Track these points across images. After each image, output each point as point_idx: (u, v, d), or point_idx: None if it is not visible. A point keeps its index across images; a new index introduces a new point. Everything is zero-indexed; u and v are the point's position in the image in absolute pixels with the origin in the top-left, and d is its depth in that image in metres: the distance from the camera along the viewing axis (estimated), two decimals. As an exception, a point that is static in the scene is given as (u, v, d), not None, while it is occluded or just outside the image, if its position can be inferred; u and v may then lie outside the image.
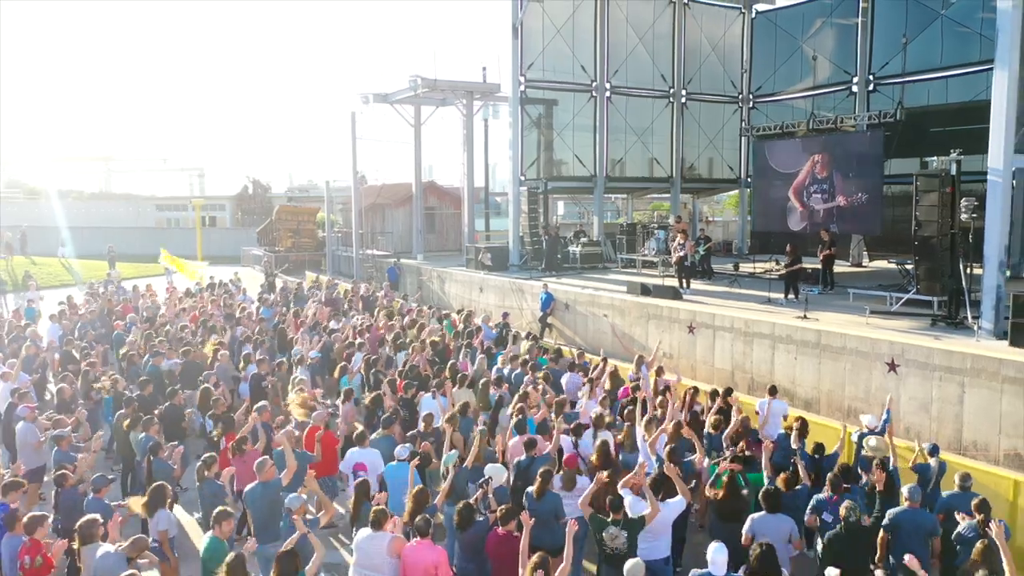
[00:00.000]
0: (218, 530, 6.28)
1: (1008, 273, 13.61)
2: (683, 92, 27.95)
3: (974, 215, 12.78)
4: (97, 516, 6.53)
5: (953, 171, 13.10)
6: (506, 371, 12.10)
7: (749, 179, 27.14)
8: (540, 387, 10.42)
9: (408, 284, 27.11)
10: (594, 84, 26.03)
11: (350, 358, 13.03)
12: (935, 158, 13.74)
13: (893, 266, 20.27)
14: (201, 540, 6.89)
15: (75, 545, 6.44)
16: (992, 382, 11.10)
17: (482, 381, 11.41)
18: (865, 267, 23.96)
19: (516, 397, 9.97)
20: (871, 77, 24.06)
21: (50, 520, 6.63)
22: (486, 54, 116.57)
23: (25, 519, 6.42)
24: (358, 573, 6.50)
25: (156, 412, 9.91)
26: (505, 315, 18.07)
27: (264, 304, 20.28)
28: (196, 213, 31.90)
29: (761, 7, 28.36)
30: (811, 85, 26.29)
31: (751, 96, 28.56)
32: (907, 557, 5.63)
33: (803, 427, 8.90)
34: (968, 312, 12.83)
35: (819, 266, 18.71)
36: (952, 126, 20.64)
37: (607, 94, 26.28)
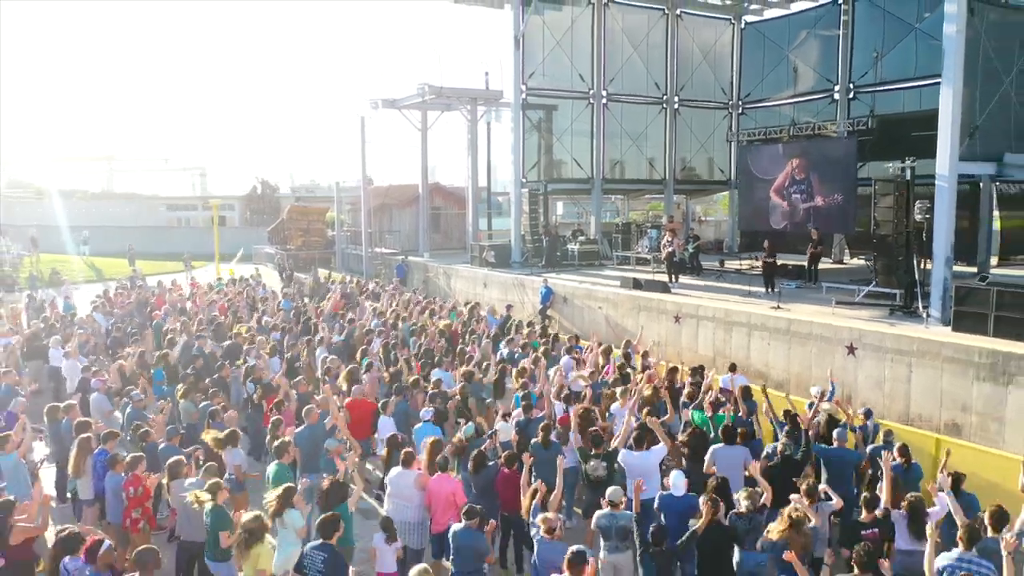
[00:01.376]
0: (286, 457, 7.94)
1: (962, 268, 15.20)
2: (676, 99, 29.53)
3: (927, 216, 14.37)
4: (182, 457, 8.14)
5: (907, 176, 14.67)
6: (505, 352, 13.74)
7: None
8: (541, 363, 12.02)
9: (415, 280, 28.70)
10: (591, 91, 27.63)
11: (370, 343, 14.66)
12: (890, 164, 15.31)
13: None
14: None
15: (164, 480, 8.04)
16: (934, 362, 12.69)
17: (485, 364, 13.01)
18: (846, 264, 25.54)
19: (515, 372, 11.62)
20: (851, 86, 25.61)
21: (144, 462, 8.22)
22: (489, 59, 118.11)
23: (128, 459, 8.04)
24: (392, 503, 8.09)
25: (207, 382, 11.54)
26: (509, 307, 19.69)
27: (285, 297, 21.89)
28: (214, 213, 33.32)
29: (750, 18, 29.94)
30: (796, 92, 27.84)
31: (740, 102, 30.13)
32: (821, 486, 7.23)
33: (746, 392, 10.50)
34: (920, 302, 14.40)
35: (805, 262, 20.36)
36: (924, 131, 22.17)
37: (604, 101, 27.87)
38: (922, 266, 14.67)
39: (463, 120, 30.31)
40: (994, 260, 21.91)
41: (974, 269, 20.05)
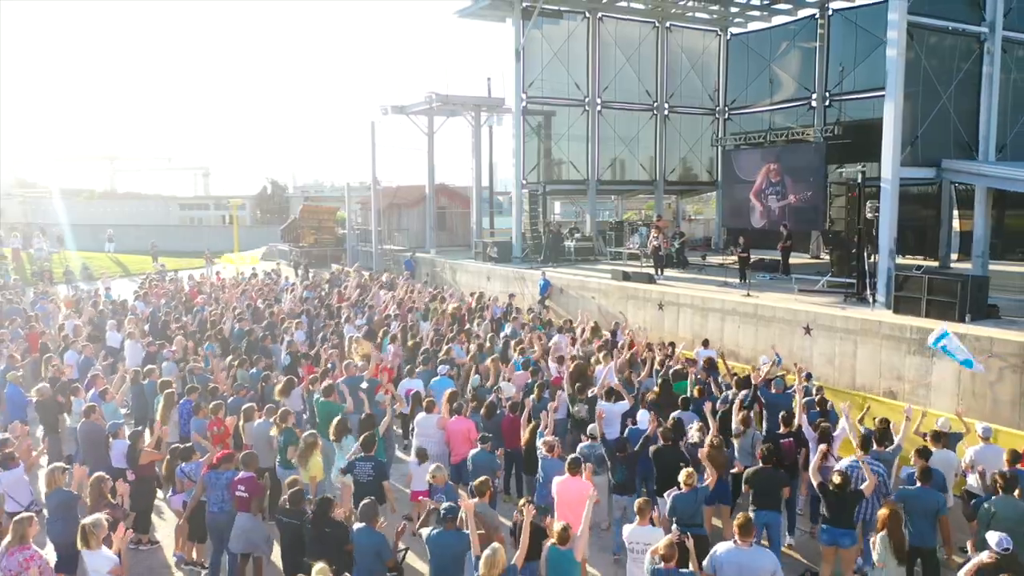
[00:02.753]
0: (334, 397, 10.13)
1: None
2: (666, 105, 31.67)
3: (876, 214, 16.49)
4: (253, 404, 10.30)
5: (859, 180, 16.81)
6: (508, 331, 15.93)
7: (724, 182, 30.86)
8: (539, 336, 14.20)
9: (423, 275, 30.84)
10: (587, 99, 29.79)
11: (389, 325, 16.83)
12: (842, 168, 17.44)
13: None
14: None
15: (240, 422, 10.19)
16: (875, 339, 14.83)
17: (490, 336, 15.17)
18: (821, 259, 27.64)
19: (515, 342, 13.80)
20: (827, 94, 27.76)
21: (224, 408, 10.36)
22: (491, 66, 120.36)
23: (211, 405, 10.19)
24: (418, 441, 10.22)
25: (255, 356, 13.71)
26: (511, 296, 21.83)
27: (306, 288, 24.05)
28: (234, 212, 35.57)
29: (735, 30, 32.06)
30: (777, 99, 29.99)
31: (726, 108, 32.27)
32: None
33: (711, 363, 12.67)
34: (869, 289, 16.53)
35: (779, 257, 22.51)
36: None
37: (598, 108, 30.03)
38: (871, 258, 16.78)
39: (467, 125, 32.43)
40: (955, 256, 24.06)
41: (936, 263, 22.23)
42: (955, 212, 24.43)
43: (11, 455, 8.58)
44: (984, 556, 6.09)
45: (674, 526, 7.34)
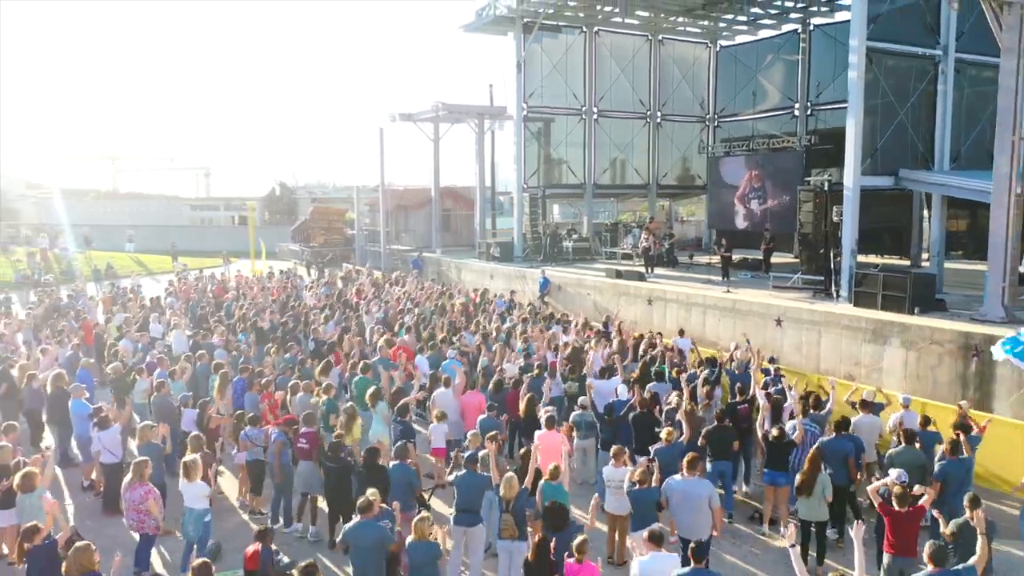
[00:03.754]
0: (369, 373, 12.10)
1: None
2: (658, 114, 33.59)
3: (841, 217, 18.39)
4: (298, 381, 12.23)
5: (825, 187, 18.72)
6: (510, 323, 17.88)
7: (713, 186, 32.78)
8: (540, 328, 16.15)
9: (430, 273, 32.75)
10: (584, 108, 31.72)
11: (403, 318, 18.76)
12: (811, 176, 19.35)
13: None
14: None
15: (287, 396, 12.11)
16: (836, 329, 16.75)
17: (495, 326, 17.13)
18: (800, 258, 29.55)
19: (519, 332, 15.75)
20: (808, 104, 29.67)
21: (273, 384, 12.30)
22: (494, 72, 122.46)
23: (263, 381, 12.13)
24: (437, 410, 12.14)
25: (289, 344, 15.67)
26: (513, 292, 23.76)
27: (323, 286, 26.01)
28: (251, 215, 37.33)
29: (724, 42, 33.98)
30: (763, 108, 31.91)
31: (716, 116, 34.19)
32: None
33: (681, 354, 14.64)
34: (834, 285, 18.44)
35: (761, 257, 24.45)
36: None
37: (595, 116, 31.96)
38: (836, 258, 18.69)
39: (470, 131, 34.32)
40: (925, 255, 25.94)
41: (908, 262, 24.07)
42: (925, 213, 26.32)
43: (106, 418, 10.52)
44: (887, 481, 8.01)
45: (643, 458, 9.28)
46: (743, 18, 31.10)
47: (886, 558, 7.55)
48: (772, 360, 14.49)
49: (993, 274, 15.29)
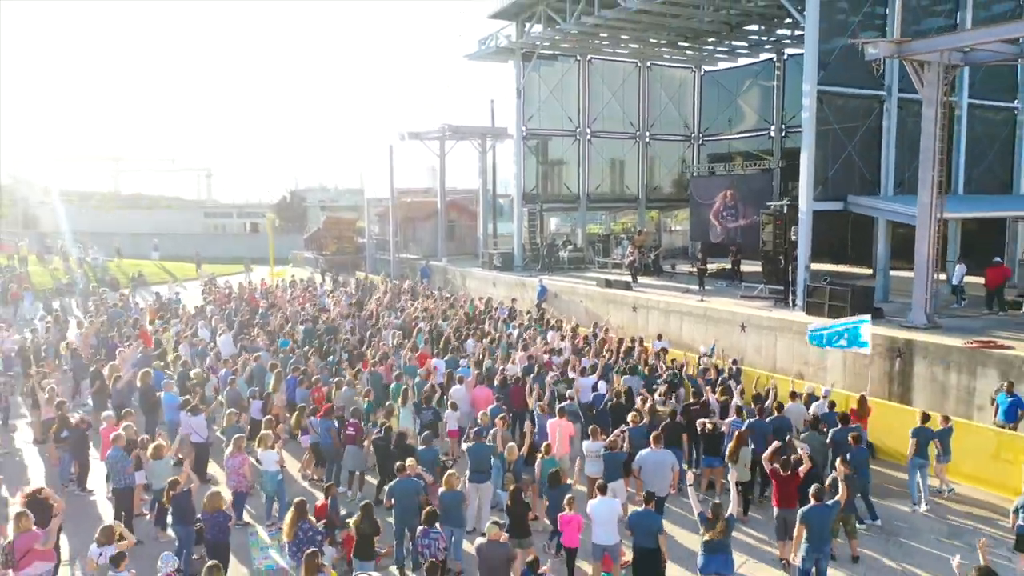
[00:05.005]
0: (400, 380, 14.99)
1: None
2: (647, 134, 36.49)
3: (796, 237, 21.24)
4: (341, 377, 15.12)
5: (784, 210, 21.59)
6: (512, 328, 20.78)
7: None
8: (535, 332, 19.03)
9: (438, 281, 35.63)
10: (578, 130, 34.62)
11: (417, 326, 21.63)
12: (771, 202, 22.22)
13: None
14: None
15: (332, 391, 14.97)
16: (789, 334, 19.61)
17: (498, 336, 20.01)
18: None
19: (518, 337, 18.66)
20: (783, 126, 32.55)
21: (321, 381, 15.16)
22: (494, 88, 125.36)
23: (313, 379, 15.01)
24: (453, 404, 15.01)
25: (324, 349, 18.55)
26: (514, 300, 26.64)
27: (343, 295, 28.87)
28: (268, 225, 40.15)
29: (708, 67, 36.87)
30: (742, 129, 34.84)
31: (700, 135, 37.09)
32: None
33: (663, 351, 17.51)
34: (791, 296, 21.31)
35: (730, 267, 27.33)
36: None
37: (588, 137, 34.85)
38: (793, 272, 21.55)
39: (473, 147, 37.16)
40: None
41: (870, 271, 26.84)
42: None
43: (197, 406, 13.39)
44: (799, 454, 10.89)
45: (617, 430, 12.14)
46: (723, 48, 33.95)
47: (774, 510, 10.41)
48: (735, 362, 17.33)
49: (918, 288, 18.17)
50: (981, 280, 20.98)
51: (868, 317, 15.95)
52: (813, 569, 8.97)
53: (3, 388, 16.49)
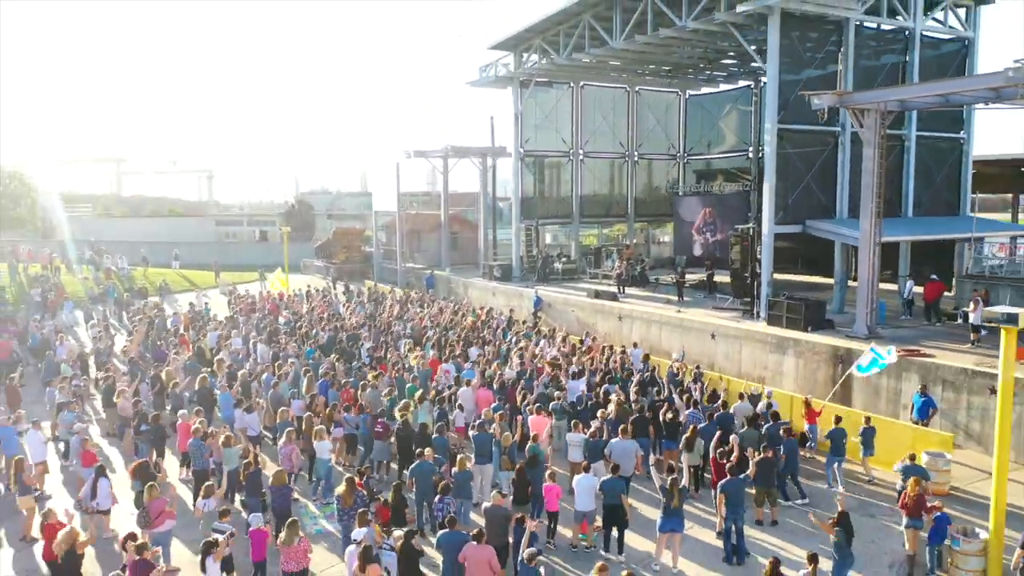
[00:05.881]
0: (416, 383, 17.88)
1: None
2: (635, 153, 39.40)
3: (760, 257, 24.10)
4: (365, 381, 18.00)
5: (751, 232, 24.47)
6: (510, 337, 23.70)
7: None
8: (530, 342, 21.93)
9: (442, 290, 38.51)
10: (571, 151, 37.51)
11: (426, 334, 24.52)
12: (738, 225, 25.11)
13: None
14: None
15: (359, 392, 17.83)
16: (752, 342, 22.49)
17: (498, 344, 22.91)
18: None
19: (512, 343, 21.58)
20: (760, 147, 35.32)
21: (349, 383, 18.03)
22: (494, 106, 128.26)
23: (342, 382, 17.90)
24: (460, 402, 17.86)
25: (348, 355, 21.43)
26: (511, 310, 29.52)
27: (358, 304, 31.76)
28: (284, 237, 42.97)
29: (692, 92, 39.78)
30: (723, 149, 37.78)
31: (685, 155, 39.99)
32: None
33: (646, 358, 20.41)
34: (755, 308, 24.18)
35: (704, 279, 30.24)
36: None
37: (581, 157, 37.74)
38: (758, 287, 24.41)
39: (474, 164, 40.05)
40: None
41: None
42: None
43: (250, 406, 16.25)
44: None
45: (596, 423, 15.02)
46: (704, 76, 36.87)
47: (716, 490, 13.27)
48: (698, 367, 20.26)
49: (860, 303, 21.06)
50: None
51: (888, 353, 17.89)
52: (733, 527, 11.85)
53: (80, 389, 19.31)
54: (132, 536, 10.16)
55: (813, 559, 9.80)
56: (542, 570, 9.77)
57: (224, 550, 9.76)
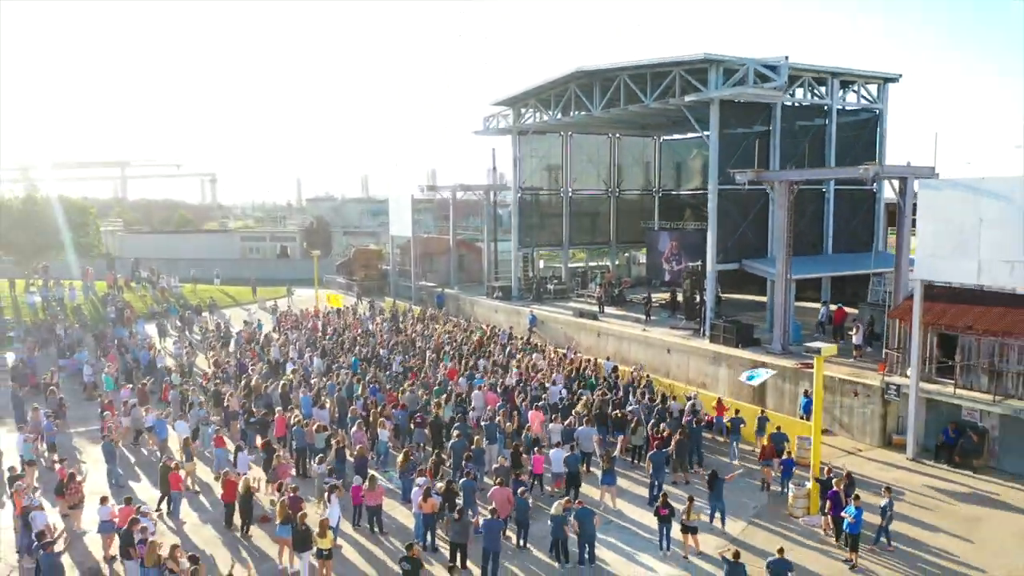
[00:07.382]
0: (439, 386, 24.58)
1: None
2: (617, 190, 46.06)
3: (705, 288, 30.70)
4: (404, 386, 24.62)
5: (699, 268, 31.08)
6: (508, 350, 30.40)
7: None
8: (525, 355, 28.62)
9: (452, 307, 45.10)
10: (562, 189, 44.18)
11: (443, 348, 31.10)
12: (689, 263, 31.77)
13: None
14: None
15: (400, 394, 24.43)
16: (697, 356, 29.09)
17: (500, 357, 29.57)
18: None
19: (514, 359, 28.28)
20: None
21: (392, 388, 24.63)
22: (494, 141, 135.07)
23: (387, 386, 24.52)
24: (472, 403, 24.45)
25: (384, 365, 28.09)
26: (511, 327, 36.18)
27: (383, 320, 38.40)
28: (315, 260, 49.44)
29: (665, 137, 46.48)
30: (690, 187, 44.40)
31: (659, 190, 46.66)
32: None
33: (615, 369, 27.12)
34: (703, 328, 30.78)
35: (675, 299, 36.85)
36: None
37: (570, 195, 44.41)
38: (704, 312, 31.01)
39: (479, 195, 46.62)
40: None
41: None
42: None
43: (322, 404, 22.86)
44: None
45: (570, 417, 21.66)
46: (672, 126, 43.50)
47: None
48: (648, 376, 26.95)
49: (775, 327, 27.69)
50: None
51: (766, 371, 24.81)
52: (656, 483, 18.47)
53: (190, 392, 25.85)
54: (280, 487, 16.78)
55: (690, 499, 16.35)
56: (530, 500, 16.42)
57: (341, 492, 16.39)
